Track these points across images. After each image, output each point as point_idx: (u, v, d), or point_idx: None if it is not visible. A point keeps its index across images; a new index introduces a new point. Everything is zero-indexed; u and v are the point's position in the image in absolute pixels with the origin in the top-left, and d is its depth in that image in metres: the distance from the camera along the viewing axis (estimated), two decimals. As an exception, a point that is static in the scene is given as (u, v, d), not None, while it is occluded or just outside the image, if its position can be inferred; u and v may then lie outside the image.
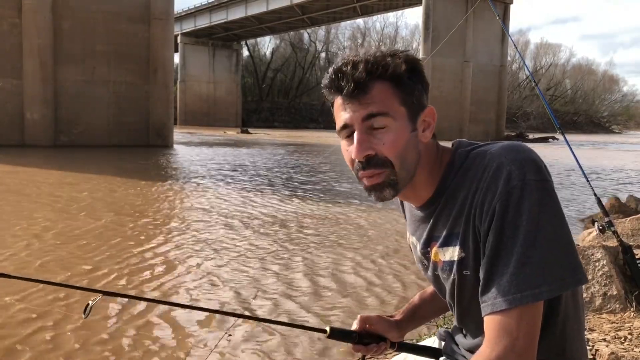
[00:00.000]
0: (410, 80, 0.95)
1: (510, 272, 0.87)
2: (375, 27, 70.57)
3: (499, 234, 0.88)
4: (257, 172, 13.61)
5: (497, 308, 0.88)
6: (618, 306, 2.81)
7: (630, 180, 14.01)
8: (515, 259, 0.87)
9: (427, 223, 1.05)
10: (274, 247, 5.80)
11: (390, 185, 0.97)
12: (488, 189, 0.91)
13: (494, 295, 0.89)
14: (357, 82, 0.93)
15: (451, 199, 0.99)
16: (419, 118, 0.98)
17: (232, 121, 55.11)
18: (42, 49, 20.18)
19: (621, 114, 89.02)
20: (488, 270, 0.90)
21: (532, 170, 0.89)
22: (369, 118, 0.94)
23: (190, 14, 53.04)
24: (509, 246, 0.87)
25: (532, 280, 0.86)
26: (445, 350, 1.20)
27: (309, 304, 4.04)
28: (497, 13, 4.91)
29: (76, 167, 13.65)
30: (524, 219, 0.87)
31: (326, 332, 1.19)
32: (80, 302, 3.75)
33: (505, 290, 0.87)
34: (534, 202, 0.87)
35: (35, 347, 3.17)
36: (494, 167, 0.91)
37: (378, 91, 0.93)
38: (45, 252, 5.28)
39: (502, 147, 0.94)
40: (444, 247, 1.01)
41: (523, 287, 0.86)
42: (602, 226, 3.13)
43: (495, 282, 0.89)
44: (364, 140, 0.94)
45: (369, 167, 0.96)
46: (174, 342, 3.31)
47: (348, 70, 0.94)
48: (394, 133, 0.94)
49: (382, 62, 0.94)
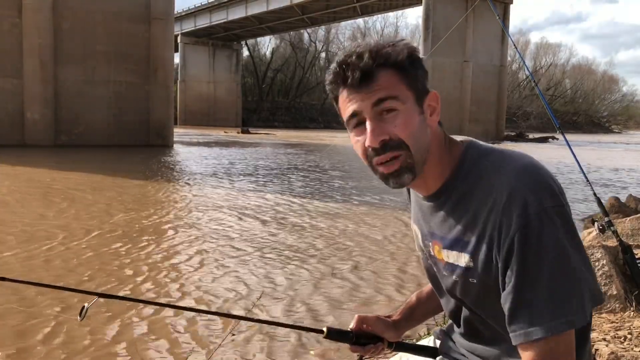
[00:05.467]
0: (412, 67, 0.96)
1: (542, 300, 0.87)
2: (375, 27, 70.40)
3: (523, 264, 0.88)
4: (257, 171, 13.60)
5: (533, 337, 0.87)
6: (618, 306, 2.81)
7: (630, 180, 14.00)
8: (544, 287, 0.87)
9: (432, 216, 1.05)
10: (277, 246, 5.80)
11: (408, 169, 0.96)
12: (504, 215, 0.90)
13: (526, 324, 0.88)
14: (364, 70, 0.93)
15: (462, 204, 0.98)
16: (425, 102, 0.98)
17: (232, 121, 55.08)
18: (42, 48, 20.18)
19: (621, 114, 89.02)
20: (515, 300, 0.89)
21: (549, 197, 0.89)
22: (378, 103, 0.94)
23: (190, 13, 53.03)
24: (536, 276, 0.87)
25: (565, 309, 0.86)
26: (442, 349, 1.20)
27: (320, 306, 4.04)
28: (497, 13, 4.91)
29: (76, 167, 13.63)
30: (548, 248, 0.87)
31: (323, 332, 1.18)
32: (81, 303, 3.74)
33: (539, 319, 0.86)
34: (554, 230, 0.87)
35: (31, 349, 3.17)
36: (509, 192, 0.90)
37: (384, 78, 0.94)
38: (43, 252, 5.28)
39: (516, 169, 0.93)
40: (450, 250, 1.01)
41: (557, 315, 0.86)
42: (602, 226, 3.12)
43: (526, 311, 0.88)
44: (377, 125, 0.94)
45: (384, 153, 0.95)
46: (175, 343, 3.31)
47: (353, 60, 0.94)
48: (405, 115, 0.94)
49: (385, 50, 0.95)
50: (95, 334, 3.34)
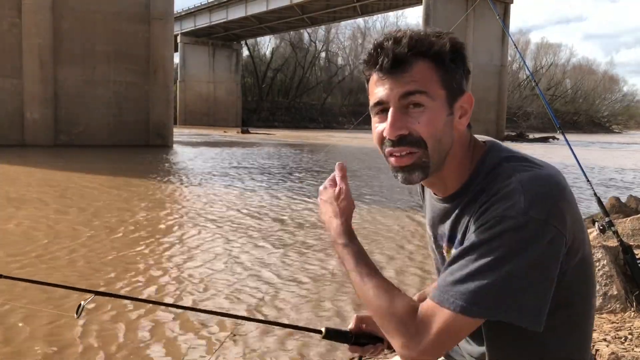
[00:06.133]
0: (452, 63, 0.93)
1: (459, 279, 0.86)
2: (375, 26, 70.29)
3: (473, 243, 0.87)
4: (257, 170, 13.59)
5: (434, 298, 0.88)
6: (618, 306, 2.80)
7: (631, 180, 13.99)
8: (470, 270, 0.85)
9: (446, 218, 1.02)
10: (278, 247, 5.79)
11: (422, 167, 0.94)
12: (491, 205, 0.88)
13: (441, 285, 0.88)
14: (398, 57, 0.90)
15: (472, 204, 0.95)
16: (457, 103, 0.95)
17: (232, 121, 55.05)
18: (42, 48, 20.18)
19: (621, 114, 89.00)
20: (450, 262, 0.90)
21: (543, 210, 0.84)
22: (406, 96, 0.91)
23: (190, 13, 53.01)
24: (473, 257, 0.86)
25: (471, 295, 0.84)
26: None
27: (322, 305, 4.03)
28: (497, 13, 4.90)
29: (76, 167, 13.62)
30: (501, 246, 0.84)
31: (322, 332, 1.17)
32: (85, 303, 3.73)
33: (447, 289, 0.87)
34: (518, 239, 0.84)
35: (28, 348, 3.16)
36: (506, 190, 0.87)
37: (419, 69, 0.91)
38: (43, 251, 5.27)
39: (529, 176, 0.89)
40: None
41: (460, 295, 0.85)
42: (603, 226, 3.11)
43: (448, 276, 0.88)
44: (398, 118, 0.92)
45: (400, 146, 0.93)
46: (175, 343, 3.30)
47: (389, 45, 0.91)
48: (431, 113, 0.91)
49: (427, 40, 0.91)
50: (94, 332, 3.33)
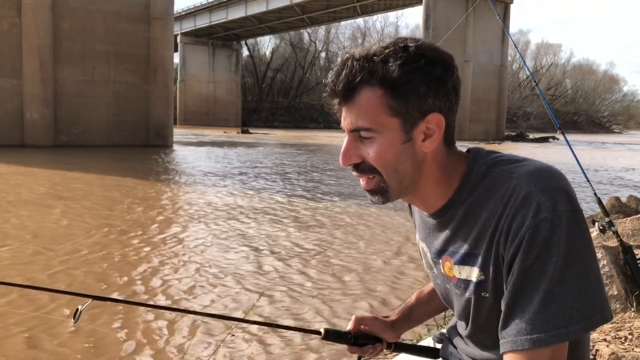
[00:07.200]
0: (408, 84, 0.86)
1: (535, 310, 0.81)
2: (375, 26, 70.35)
3: (524, 268, 0.83)
4: (258, 171, 13.58)
5: (519, 347, 0.82)
6: (618, 306, 2.79)
7: (631, 180, 13.99)
8: (541, 296, 0.81)
9: (441, 232, 1.00)
10: (278, 247, 5.79)
11: (380, 192, 0.94)
12: (514, 217, 0.84)
13: (514, 332, 0.83)
14: (346, 86, 0.87)
15: (471, 216, 0.92)
16: (417, 128, 0.89)
17: (232, 121, 55.08)
18: (42, 48, 20.17)
19: (622, 114, 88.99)
20: (510, 305, 0.84)
21: (563, 201, 0.84)
22: (354, 131, 0.90)
23: (190, 13, 53.01)
24: (535, 282, 0.82)
25: (559, 320, 0.80)
26: (443, 354, 1.17)
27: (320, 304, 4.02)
28: (497, 13, 4.89)
29: (76, 167, 13.62)
30: (553, 254, 0.81)
31: (320, 333, 1.16)
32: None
33: (529, 329, 0.81)
34: (564, 236, 0.82)
35: (25, 353, 3.15)
36: (522, 195, 0.84)
37: (365, 98, 0.87)
38: (42, 254, 5.26)
39: (529, 172, 0.87)
40: (461, 265, 0.96)
41: (548, 326, 0.80)
42: (603, 226, 3.10)
43: (518, 318, 0.83)
44: (350, 147, 0.92)
45: (358, 172, 0.94)
46: (174, 345, 3.29)
47: (339, 70, 0.89)
48: (380, 145, 0.89)
49: (371, 65, 0.86)
50: (93, 335, 3.32)
